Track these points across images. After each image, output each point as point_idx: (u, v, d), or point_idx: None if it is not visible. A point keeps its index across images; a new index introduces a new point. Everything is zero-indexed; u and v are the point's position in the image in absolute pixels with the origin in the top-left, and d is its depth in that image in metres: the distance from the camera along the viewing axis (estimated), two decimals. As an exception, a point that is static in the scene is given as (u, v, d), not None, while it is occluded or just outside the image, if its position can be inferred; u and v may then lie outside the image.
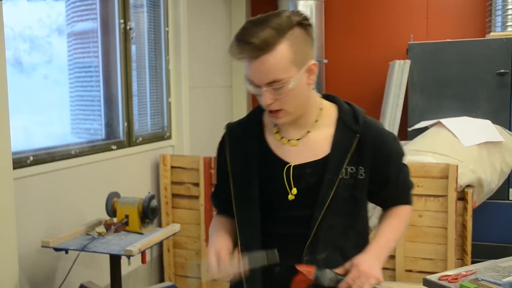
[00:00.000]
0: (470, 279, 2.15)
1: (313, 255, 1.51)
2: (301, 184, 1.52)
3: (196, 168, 3.93)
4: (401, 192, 1.67)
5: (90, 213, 3.23)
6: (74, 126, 3.46)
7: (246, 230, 1.56)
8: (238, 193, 1.58)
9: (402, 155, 1.62)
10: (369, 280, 1.44)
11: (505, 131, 3.98)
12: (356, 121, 1.54)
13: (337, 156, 1.51)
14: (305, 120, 1.55)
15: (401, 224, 1.65)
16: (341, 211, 1.52)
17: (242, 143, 1.60)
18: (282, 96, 1.43)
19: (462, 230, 3.55)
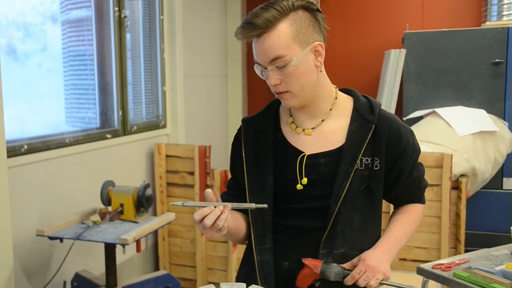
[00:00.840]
0: (463, 267, 2.17)
1: (330, 249, 1.50)
2: (314, 175, 1.51)
3: (191, 157, 3.92)
4: (415, 190, 1.66)
5: (85, 202, 3.23)
6: (68, 114, 3.45)
7: (259, 218, 1.54)
8: (252, 183, 1.56)
9: (418, 151, 1.60)
10: (376, 275, 1.43)
11: (499, 120, 3.99)
12: (371, 112, 1.53)
13: (352, 147, 1.50)
14: (319, 108, 1.54)
15: (413, 222, 1.63)
16: (358, 204, 1.51)
17: (257, 133, 1.60)
18: (286, 76, 1.43)
19: (456, 219, 3.57)
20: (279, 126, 1.59)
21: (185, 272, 4.04)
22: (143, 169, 3.99)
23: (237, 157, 1.63)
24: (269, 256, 1.53)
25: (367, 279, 1.43)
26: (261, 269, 1.53)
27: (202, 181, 3.91)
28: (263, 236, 1.53)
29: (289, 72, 1.43)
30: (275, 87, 1.47)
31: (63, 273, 2.94)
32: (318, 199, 1.51)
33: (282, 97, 1.49)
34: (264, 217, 1.54)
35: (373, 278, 1.43)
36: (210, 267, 3.97)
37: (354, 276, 1.44)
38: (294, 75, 1.44)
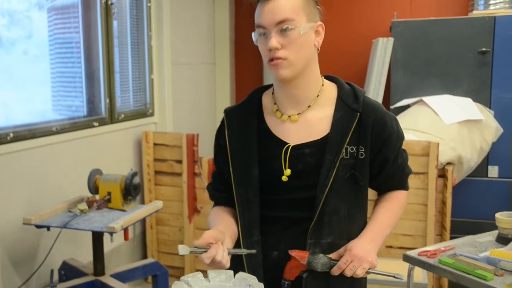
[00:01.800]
0: (448, 254, 2.20)
1: (318, 239, 1.49)
2: (300, 165, 1.51)
3: (179, 145, 3.92)
4: (399, 177, 1.65)
5: (72, 190, 3.21)
6: (55, 103, 3.43)
7: (246, 212, 1.53)
8: (238, 174, 1.55)
9: (401, 138, 1.60)
10: (362, 264, 1.43)
11: (485, 109, 4.02)
12: (356, 100, 1.52)
13: (337, 136, 1.49)
14: (306, 93, 1.52)
15: (397, 209, 1.63)
16: (344, 194, 1.50)
17: (241, 124, 1.58)
18: (289, 42, 1.43)
19: (442, 206, 3.61)
20: (262, 117, 1.58)
21: (173, 260, 4.05)
22: (131, 158, 3.97)
23: (221, 149, 1.61)
24: (257, 249, 1.53)
25: (353, 268, 1.43)
26: (249, 262, 1.52)
27: (190, 169, 3.91)
28: (250, 228, 1.53)
29: (293, 38, 1.43)
30: (274, 52, 1.44)
31: (51, 262, 2.94)
32: (304, 189, 1.51)
33: (278, 64, 1.45)
34: (251, 210, 1.53)
35: (360, 268, 1.43)
36: (199, 256, 3.98)
37: (340, 266, 1.44)
38: (296, 43, 1.44)
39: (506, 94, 4.03)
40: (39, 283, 2.99)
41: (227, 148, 1.57)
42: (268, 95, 1.61)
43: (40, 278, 2.96)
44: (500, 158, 4.05)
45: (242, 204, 1.54)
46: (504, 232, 2.29)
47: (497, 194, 4.00)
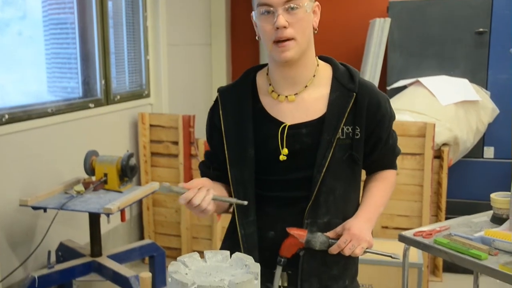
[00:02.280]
0: (443, 234, 2.21)
1: (314, 218, 1.51)
2: (297, 145, 1.51)
3: (175, 126, 3.91)
4: (389, 157, 1.66)
5: (68, 172, 3.21)
6: (50, 84, 3.41)
7: (241, 191, 1.53)
8: (233, 154, 1.54)
9: (393, 119, 1.61)
10: (361, 244, 1.45)
11: (481, 90, 4.01)
12: (352, 81, 1.52)
13: (333, 116, 1.49)
14: (302, 74, 1.52)
15: (388, 188, 1.65)
16: (341, 173, 1.51)
17: (235, 104, 1.57)
18: (297, 20, 1.42)
19: (438, 187, 3.62)
20: (257, 97, 1.57)
21: (170, 241, 4.06)
22: (127, 139, 3.97)
23: (215, 129, 1.60)
24: (252, 229, 1.53)
25: (352, 248, 1.45)
26: (244, 242, 1.53)
27: (186, 151, 3.90)
28: (246, 208, 1.52)
29: (300, 17, 1.42)
30: (282, 31, 1.42)
31: (48, 243, 2.95)
32: (301, 169, 1.51)
33: (286, 45, 1.43)
34: (246, 191, 1.53)
35: (359, 247, 1.45)
36: (195, 236, 4.00)
37: (340, 245, 1.46)
38: (302, 22, 1.43)
39: (502, 74, 4.02)
40: (37, 264, 3.00)
41: (221, 128, 1.56)
42: (262, 75, 1.60)
43: (37, 259, 2.97)
44: (496, 139, 4.06)
45: (237, 184, 1.54)
46: (499, 212, 2.30)
47: (492, 175, 4.02)
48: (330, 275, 1.54)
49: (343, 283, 1.57)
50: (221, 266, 1.10)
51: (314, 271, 1.52)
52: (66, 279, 2.92)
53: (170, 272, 1.02)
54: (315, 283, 1.52)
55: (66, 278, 2.89)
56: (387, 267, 3.07)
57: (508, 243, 1.99)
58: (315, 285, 1.53)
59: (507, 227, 2.18)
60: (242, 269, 1.07)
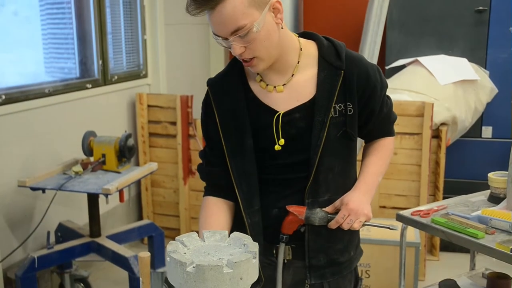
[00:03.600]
0: (441, 213, 2.22)
1: (315, 197, 1.52)
2: (292, 130, 1.51)
3: (173, 106, 3.90)
4: (385, 124, 1.66)
5: (66, 153, 3.21)
6: (47, 65, 3.39)
7: (243, 181, 1.53)
8: (231, 146, 1.53)
9: (385, 87, 1.60)
10: (359, 218, 1.46)
11: (480, 69, 4.00)
12: (338, 57, 1.51)
13: (324, 96, 1.48)
14: (286, 63, 1.50)
15: (386, 156, 1.65)
16: (337, 152, 1.52)
17: (228, 95, 1.55)
18: (250, 43, 1.39)
19: (435, 167, 3.63)
20: (248, 85, 1.55)
21: (169, 222, 4.08)
22: (125, 119, 3.96)
23: (210, 122, 1.57)
24: (258, 218, 1.54)
25: (350, 222, 1.46)
26: (252, 230, 1.54)
27: (185, 131, 3.90)
28: (251, 199, 1.53)
29: (252, 39, 1.38)
30: (241, 56, 1.42)
31: (47, 224, 2.95)
32: (298, 152, 1.52)
33: (250, 65, 1.44)
34: (249, 181, 1.53)
35: (357, 221, 1.47)
36: (194, 216, 4.02)
37: (338, 221, 1.47)
38: (257, 41, 1.39)
39: (502, 54, 4.00)
40: (36, 244, 3.01)
41: (216, 121, 1.55)
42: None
43: (36, 239, 2.99)
44: (494, 118, 4.05)
45: (240, 176, 1.53)
46: (496, 192, 2.31)
47: (490, 154, 4.02)
48: (336, 249, 1.57)
49: (349, 254, 1.62)
50: (219, 245, 1.10)
51: (320, 248, 1.55)
52: (65, 259, 2.93)
53: (168, 251, 1.03)
54: (322, 259, 1.56)
55: (66, 258, 2.91)
56: (384, 246, 3.09)
57: (505, 222, 2.00)
58: (323, 261, 1.56)
59: (504, 206, 2.19)
60: (241, 248, 1.08)
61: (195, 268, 0.97)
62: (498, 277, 2.46)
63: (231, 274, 0.97)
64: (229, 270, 0.97)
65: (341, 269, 1.60)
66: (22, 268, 2.64)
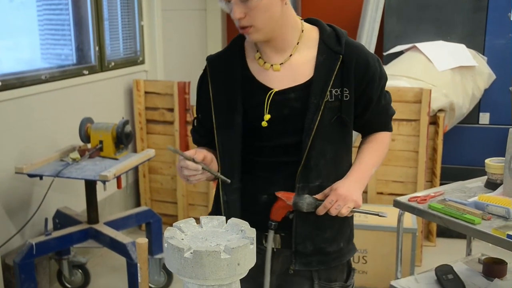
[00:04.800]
0: (438, 199, 2.23)
1: (306, 183, 1.51)
2: (285, 110, 1.50)
3: (171, 93, 3.89)
4: (382, 118, 1.65)
5: (64, 139, 3.21)
6: (44, 51, 3.37)
7: (227, 157, 1.54)
8: (221, 121, 1.54)
9: (385, 79, 1.59)
10: (347, 204, 1.45)
11: (478, 55, 3.99)
12: (338, 42, 1.51)
13: (321, 79, 1.48)
14: (286, 42, 1.51)
15: (381, 150, 1.64)
16: (330, 137, 1.51)
17: (224, 71, 1.56)
18: (251, 9, 1.41)
19: (433, 153, 3.64)
20: (245, 64, 1.56)
21: (166, 208, 4.09)
22: (122, 106, 3.95)
23: (204, 97, 1.60)
24: (235, 196, 1.54)
25: (338, 207, 1.45)
26: (226, 208, 1.54)
27: (182, 118, 3.89)
28: (231, 177, 1.53)
29: (254, 6, 1.40)
30: (239, 21, 1.44)
31: (45, 210, 2.96)
32: (290, 134, 1.51)
33: (246, 32, 1.46)
34: (232, 158, 1.54)
35: (345, 207, 1.45)
36: (191, 203, 4.03)
37: (325, 206, 1.46)
38: (258, 9, 1.41)
39: (500, 40, 3.99)
40: (34, 231, 3.02)
41: (210, 96, 1.56)
42: (250, 42, 1.58)
43: (34, 226, 2.99)
44: (492, 105, 4.05)
45: (224, 152, 1.54)
46: (493, 178, 2.31)
47: (487, 141, 4.03)
48: (323, 238, 1.56)
49: (338, 245, 1.59)
50: (217, 231, 1.11)
51: (307, 235, 1.54)
52: (63, 246, 2.94)
53: (166, 237, 1.03)
54: (309, 246, 1.54)
55: (64, 245, 2.91)
56: (381, 232, 3.10)
57: (502, 208, 2.01)
58: (309, 248, 1.54)
59: (501, 192, 2.20)
60: (238, 234, 1.08)
61: (192, 254, 0.97)
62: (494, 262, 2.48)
63: (229, 260, 0.97)
64: (227, 255, 0.98)
65: (329, 260, 1.58)
66: (20, 255, 2.64)
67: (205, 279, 0.98)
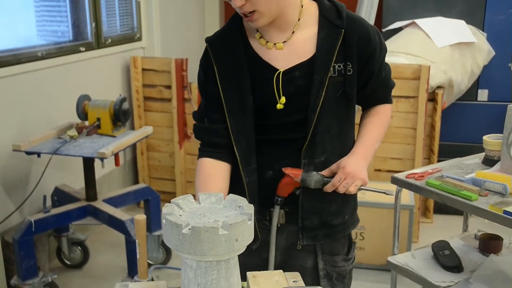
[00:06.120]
0: (435, 176, 2.23)
1: (311, 158, 1.51)
2: (291, 89, 1.50)
3: (168, 70, 3.87)
4: (383, 90, 1.65)
5: (61, 117, 3.19)
6: (40, 28, 3.34)
7: (242, 139, 1.53)
8: (231, 103, 1.52)
9: (384, 51, 1.58)
10: (355, 182, 1.47)
11: (478, 31, 3.96)
12: (339, 16, 1.49)
13: (323, 55, 1.47)
14: (287, 20, 1.49)
15: (383, 123, 1.65)
16: (335, 112, 1.51)
17: (227, 52, 1.53)
18: None
19: (431, 130, 3.63)
20: (247, 42, 1.54)
21: (165, 185, 4.10)
22: (119, 83, 3.93)
23: (209, 80, 1.56)
24: (255, 177, 1.54)
25: (346, 186, 1.47)
26: (250, 189, 1.54)
27: (180, 95, 3.88)
28: (249, 157, 1.53)
29: None
30: (241, 8, 1.41)
31: (43, 188, 2.96)
32: (297, 111, 1.51)
33: (251, 20, 1.44)
34: (248, 138, 1.53)
35: (353, 185, 1.47)
36: (189, 180, 4.03)
37: (334, 184, 1.48)
38: None
39: (500, 15, 3.96)
40: (32, 208, 3.03)
41: (216, 78, 1.53)
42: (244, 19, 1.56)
43: (33, 203, 3.00)
44: (490, 81, 4.04)
45: (238, 133, 1.53)
46: (490, 154, 2.32)
47: (486, 117, 4.02)
48: (329, 211, 1.57)
49: (342, 218, 1.61)
50: (215, 207, 1.11)
51: (313, 209, 1.55)
52: (62, 223, 2.96)
53: (164, 213, 1.03)
54: (315, 220, 1.56)
55: (62, 222, 2.93)
56: (379, 209, 3.12)
57: (499, 184, 2.01)
58: (316, 222, 1.56)
59: (498, 168, 2.20)
60: (236, 211, 1.08)
61: (190, 230, 0.97)
62: (490, 238, 2.50)
63: (227, 236, 0.98)
64: (225, 231, 0.98)
65: (334, 232, 1.60)
66: (19, 232, 2.65)
67: (203, 255, 0.99)
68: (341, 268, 1.64)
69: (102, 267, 3.31)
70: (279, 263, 1.61)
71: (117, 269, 3.24)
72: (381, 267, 3.13)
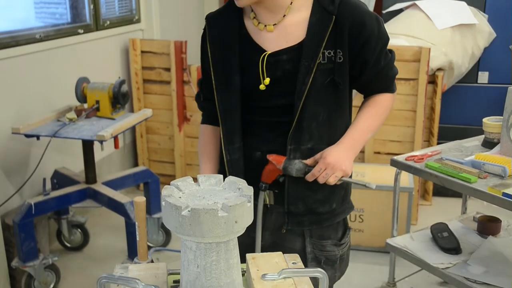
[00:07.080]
0: (435, 158, 2.24)
1: (298, 144, 1.50)
2: (278, 72, 1.49)
3: (167, 52, 3.85)
4: (383, 79, 1.60)
5: (60, 99, 3.19)
6: (38, 10, 3.32)
7: (228, 118, 1.54)
8: (219, 81, 1.53)
9: (384, 39, 1.53)
10: (335, 173, 1.45)
11: (479, 13, 3.93)
12: (332, 2, 1.46)
13: (313, 41, 1.45)
14: (277, 2, 1.47)
15: (380, 113, 1.60)
16: (323, 99, 1.49)
17: (222, 30, 1.54)
18: None
19: (431, 113, 3.63)
20: (243, 22, 1.54)
21: (164, 168, 4.10)
22: (118, 66, 3.91)
23: (205, 56, 1.58)
24: (238, 155, 1.54)
25: (326, 176, 1.45)
26: (230, 167, 1.55)
27: (179, 77, 3.86)
28: (232, 136, 1.53)
29: None
30: None
31: (42, 171, 2.96)
32: (283, 96, 1.50)
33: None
34: (232, 117, 1.53)
35: (332, 176, 1.45)
36: (189, 163, 4.04)
37: (314, 174, 1.46)
38: None
39: (501, -4, 3.93)
40: (32, 191, 3.03)
41: (209, 56, 1.55)
42: None
43: (33, 186, 3.00)
44: (491, 63, 4.02)
45: (225, 111, 1.54)
46: (490, 137, 2.32)
47: (486, 100, 4.01)
48: (315, 199, 1.55)
49: (330, 206, 1.58)
50: (214, 189, 1.11)
51: (299, 195, 1.54)
52: (62, 206, 2.96)
53: (163, 195, 1.03)
54: (301, 206, 1.55)
55: (62, 205, 2.93)
56: (378, 191, 3.12)
57: (498, 166, 2.02)
58: (301, 208, 1.55)
59: (498, 151, 2.20)
60: (235, 192, 1.08)
61: (190, 212, 0.98)
62: (488, 220, 2.51)
63: (226, 218, 0.98)
64: (224, 213, 0.98)
65: (321, 220, 1.58)
66: (19, 214, 2.66)
67: (202, 237, 0.99)
68: (330, 253, 1.62)
69: (102, 249, 3.32)
70: (270, 243, 1.62)
71: (117, 251, 3.26)
72: (380, 249, 3.15)
